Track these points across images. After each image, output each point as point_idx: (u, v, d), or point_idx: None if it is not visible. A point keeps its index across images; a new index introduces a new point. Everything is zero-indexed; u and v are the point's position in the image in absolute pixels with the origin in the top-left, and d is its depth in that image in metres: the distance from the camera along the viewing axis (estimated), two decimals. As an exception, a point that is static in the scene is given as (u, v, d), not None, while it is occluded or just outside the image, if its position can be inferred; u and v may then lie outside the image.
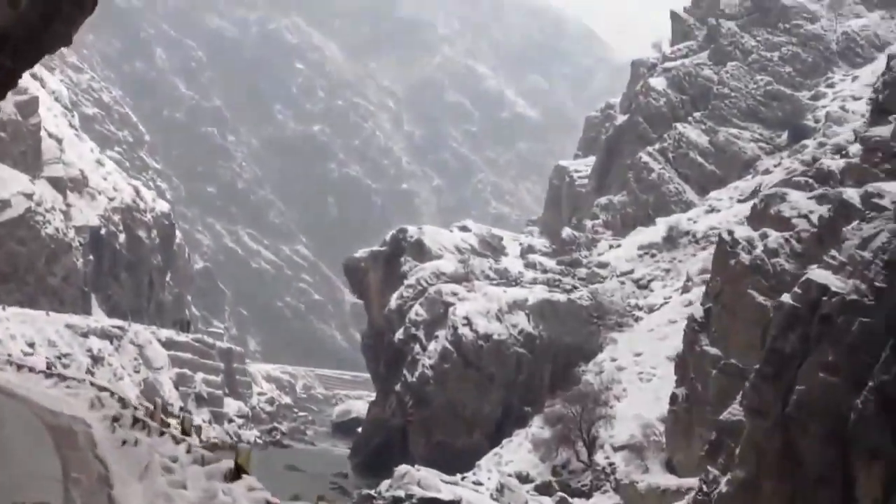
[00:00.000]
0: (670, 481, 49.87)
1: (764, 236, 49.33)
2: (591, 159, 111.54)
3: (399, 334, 72.38)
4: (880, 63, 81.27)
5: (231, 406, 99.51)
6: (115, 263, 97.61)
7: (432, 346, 69.02)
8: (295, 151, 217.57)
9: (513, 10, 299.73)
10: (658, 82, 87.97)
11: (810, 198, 50.18)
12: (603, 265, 73.81)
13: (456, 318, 67.78)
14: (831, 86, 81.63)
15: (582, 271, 73.73)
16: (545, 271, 73.94)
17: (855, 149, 52.12)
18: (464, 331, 67.29)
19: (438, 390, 67.79)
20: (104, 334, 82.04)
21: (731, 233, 51.86)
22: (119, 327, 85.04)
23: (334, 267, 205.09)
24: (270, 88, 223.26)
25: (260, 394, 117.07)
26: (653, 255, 72.94)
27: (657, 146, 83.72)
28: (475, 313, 67.60)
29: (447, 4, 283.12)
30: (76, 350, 77.64)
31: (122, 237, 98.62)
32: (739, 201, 73.39)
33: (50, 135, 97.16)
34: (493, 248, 79.26)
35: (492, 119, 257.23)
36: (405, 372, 70.88)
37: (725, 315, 50.38)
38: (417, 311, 71.37)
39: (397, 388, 72.09)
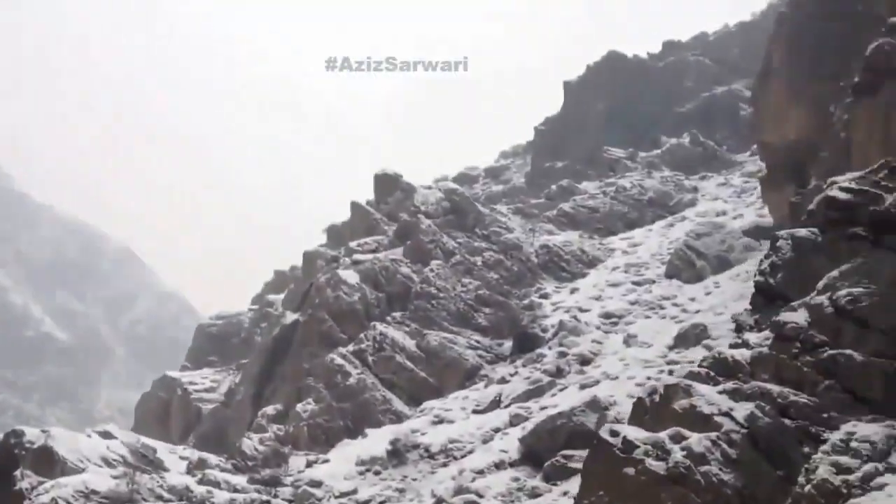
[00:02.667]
0: None
1: (679, 438, 36.23)
2: (208, 371, 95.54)
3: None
4: (596, 275, 75.16)
5: None
6: None
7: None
8: None
9: (47, 223, 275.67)
10: (349, 275, 74.18)
11: (722, 392, 38.37)
12: (316, 483, 56.47)
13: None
14: (545, 296, 72.64)
15: (286, 491, 55.83)
16: (236, 490, 55.19)
17: (756, 337, 41.51)
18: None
19: None
20: None
21: (615, 433, 37.97)
22: None
23: None
24: None
25: None
26: (377, 473, 57.05)
27: (351, 348, 69.15)
28: (165, 544, 47.27)
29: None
30: None
31: None
32: (476, 412, 60.72)
33: None
34: (150, 460, 59.10)
35: (14, 337, 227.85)
36: None
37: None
38: (58, 544, 49.16)
39: None
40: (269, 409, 70.51)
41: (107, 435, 59.89)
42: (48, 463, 54.26)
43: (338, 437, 63.76)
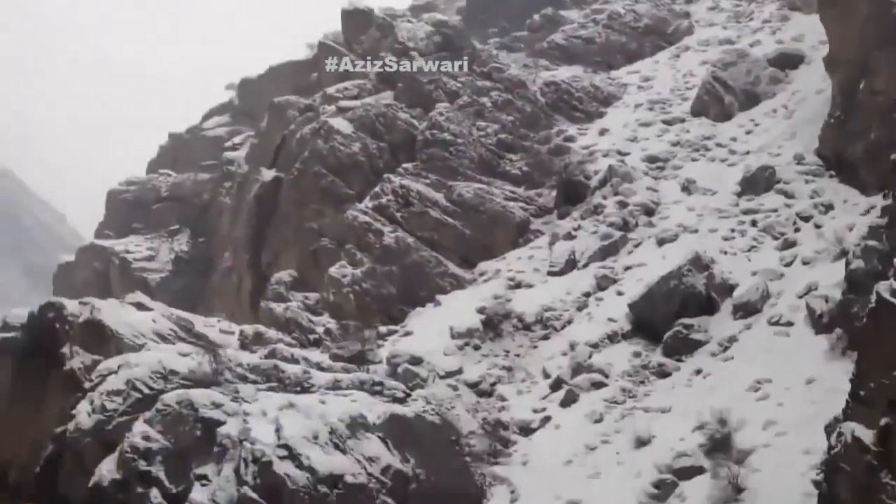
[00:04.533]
0: None
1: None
2: (140, 237, 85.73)
3: (111, 473, 39.93)
4: (617, 114, 68.83)
5: None
6: None
7: (200, 495, 38.65)
8: None
9: None
10: (341, 124, 65.29)
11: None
12: (416, 360, 49.32)
13: (262, 446, 38.53)
14: (569, 139, 65.80)
15: (380, 370, 48.58)
16: (322, 369, 47.44)
17: None
18: (285, 466, 38.41)
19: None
20: None
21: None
22: None
23: None
24: None
25: None
26: (476, 348, 50.10)
27: (369, 203, 60.96)
28: (297, 437, 39.34)
29: None
30: None
31: None
32: (552, 273, 53.83)
33: None
34: (196, 334, 50.22)
35: None
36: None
37: None
38: (148, 435, 40.19)
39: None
40: (284, 276, 61.92)
41: (140, 307, 50.38)
42: (99, 339, 44.68)
43: (390, 304, 56.33)
